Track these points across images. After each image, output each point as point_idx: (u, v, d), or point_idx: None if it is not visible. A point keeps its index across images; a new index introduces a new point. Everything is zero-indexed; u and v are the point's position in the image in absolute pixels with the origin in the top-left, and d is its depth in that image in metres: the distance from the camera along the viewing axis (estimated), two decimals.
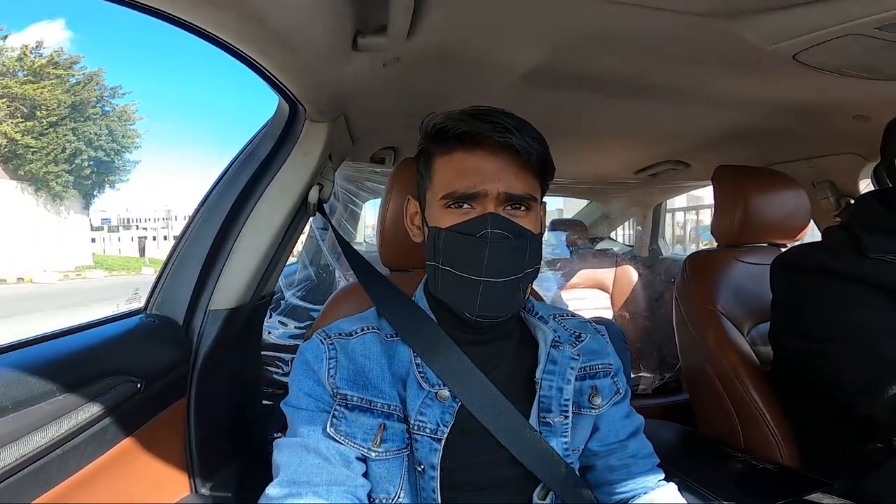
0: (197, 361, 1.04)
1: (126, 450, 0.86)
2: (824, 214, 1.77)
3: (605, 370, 0.87)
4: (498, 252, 0.73)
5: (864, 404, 0.99)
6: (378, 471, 0.75)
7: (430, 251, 0.79)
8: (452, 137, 0.75)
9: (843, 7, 0.80)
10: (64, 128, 19.06)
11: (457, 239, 0.74)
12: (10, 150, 18.49)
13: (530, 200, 0.76)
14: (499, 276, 0.73)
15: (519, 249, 0.75)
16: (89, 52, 40.78)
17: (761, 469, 1.09)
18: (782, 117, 1.48)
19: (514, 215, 0.75)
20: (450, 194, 0.75)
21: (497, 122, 0.72)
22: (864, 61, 1.01)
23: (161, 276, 1.11)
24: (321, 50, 0.87)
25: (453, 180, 0.75)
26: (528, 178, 0.75)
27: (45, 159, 19.13)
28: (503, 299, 0.75)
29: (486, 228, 0.72)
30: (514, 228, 0.74)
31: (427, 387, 0.76)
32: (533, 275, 0.78)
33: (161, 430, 0.96)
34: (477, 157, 0.74)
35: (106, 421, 0.81)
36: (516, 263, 0.75)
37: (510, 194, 0.74)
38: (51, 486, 0.72)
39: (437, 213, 0.77)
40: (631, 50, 1.05)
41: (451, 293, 0.77)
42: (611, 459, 0.87)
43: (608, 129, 1.73)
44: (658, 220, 3.04)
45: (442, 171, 0.77)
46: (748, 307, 1.39)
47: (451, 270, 0.75)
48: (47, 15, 34.33)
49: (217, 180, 1.17)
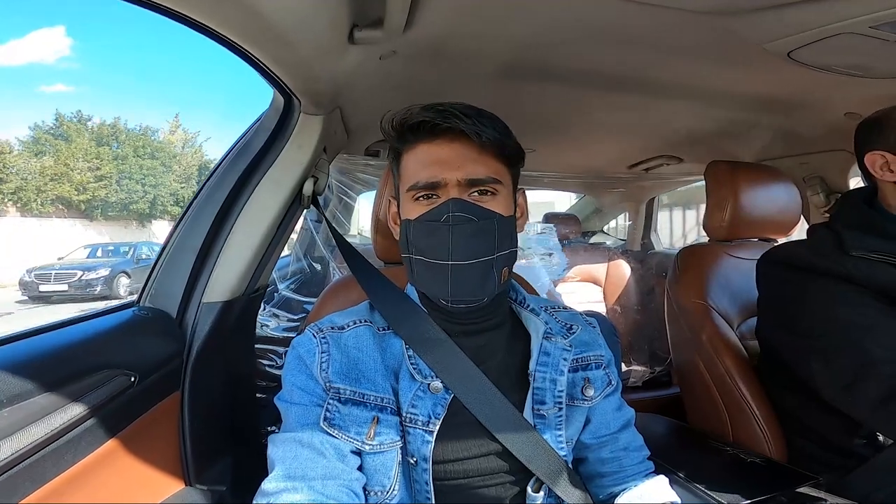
0: (191, 354, 1.04)
1: (121, 444, 0.86)
2: (815, 211, 1.79)
3: (598, 361, 0.88)
4: (462, 234, 0.74)
5: (846, 400, 1.01)
6: (372, 464, 0.75)
7: (402, 244, 0.80)
8: (408, 130, 0.78)
9: (839, 6, 0.81)
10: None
11: (424, 227, 0.76)
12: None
13: (495, 184, 0.76)
14: (466, 258, 0.74)
15: (485, 231, 0.75)
16: (91, 58, 40.57)
17: (749, 463, 1.10)
18: (774, 113, 1.49)
19: (479, 200, 0.76)
20: (414, 185, 0.76)
21: (446, 111, 0.74)
22: (858, 60, 1.02)
23: (154, 269, 1.11)
24: (317, 43, 0.87)
25: (416, 172, 0.77)
26: (489, 163, 0.76)
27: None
28: (474, 283, 0.76)
29: (448, 212, 0.73)
30: (477, 211, 0.74)
31: (420, 378, 0.76)
32: (508, 257, 0.79)
33: (155, 423, 0.96)
34: (436, 148, 0.76)
35: (100, 415, 0.81)
36: (484, 245, 0.75)
37: (472, 179, 0.75)
38: (46, 481, 0.72)
39: (407, 207, 0.79)
40: (626, 45, 1.05)
41: (426, 282, 0.78)
42: (602, 452, 0.87)
43: (602, 123, 1.73)
44: (651, 214, 3.05)
45: (407, 165, 0.79)
46: (738, 302, 1.39)
47: (422, 259, 0.76)
48: (47, 22, 34.04)
49: (211, 173, 1.16)
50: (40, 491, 0.71)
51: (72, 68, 33.18)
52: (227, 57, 0.83)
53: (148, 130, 21.15)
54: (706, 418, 1.37)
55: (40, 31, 33.64)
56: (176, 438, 1.02)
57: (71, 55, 33.90)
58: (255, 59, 0.86)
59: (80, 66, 33.42)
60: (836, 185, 1.76)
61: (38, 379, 0.73)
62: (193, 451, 1.03)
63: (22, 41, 33.54)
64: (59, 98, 31.38)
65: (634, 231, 3.08)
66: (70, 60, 33.37)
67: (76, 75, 33.10)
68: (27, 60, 32.08)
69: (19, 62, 30.39)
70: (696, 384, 1.39)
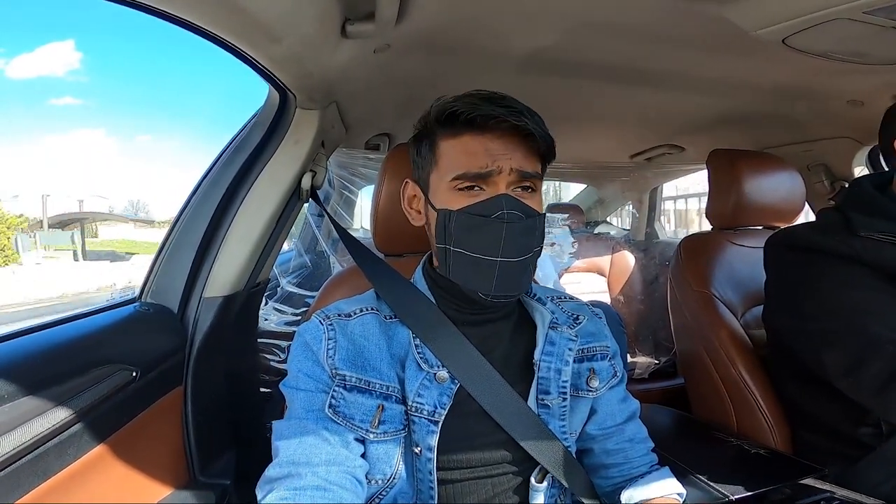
0: (192, 349, 1.05)
1: (124, 438, 0.87)
2: (819, 198, 1.77)
3: (603, 352, 0.88)
4: (514, 232, 0.74)
5: (851, 383, 1.00)
6: (375, 452, 0.76)
7: (440, 234, 0.78)
8: (463, 121, 0.75)
9: None
10: None
11: (471, 220, 0.74)
12: None
13: (537, 180, 0.77)
14: (515, 255, 0.74)
15: (532, 229, 0.76)
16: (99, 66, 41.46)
17: (754, 454, 1.10)
18: (776, 101, 1.48)
19: (523, 196, 0.76)
20: (462, 175, 0.75)
21: (511, 107, 0.74)
22: (853, 46, 1.01)
23: (154, 265, 1.11)
24: (309, 38, 0.87)
25: (464, 162, 0.75)
26: (535, 159, 0.77)
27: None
28: (518, 279, 0.77)
29: (502, 209, 0.73)
30: (525, 209, 0.75)
31: (426, 367, 0.76)
32: (539, 254, 0.80)
33: (158, 418, 0.97)
34: (486, 139, 0.75)
35: (103, 409, 0.81)
36: (529, 243, 0.76)
37: (522, 172, 0.75)
38: (50, 476, 0.72)
39: (445, 196, 0.77)
40: (620, 36, 1.05)
41: (465, 274, 0.77)
42: (608, 443, 0.87)
43: (602, 114, 1.73)
44: (654, 203, 3.04)
45: (450, 153, 0.77)
46: (742, 290, 1.39)
47: (464, 252, 0.75)
48: (58, 36, 34.61)
49: (208, 169, 1.16)
50: (44, 485, 0.71)
51: (80, 81, 33.56)
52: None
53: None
54: (711, 409, 1.37)
55: (50, 45, 34.13)
56: (179, 433, 1.03)
57: (80, 68, 34.29)
58: (248, 57, 0.86)
59: (88, 80, 33.82)
60: (841, 172, 1.74)
61: (41, 374, 0.74)
62: (197, 445, 1.04)
63: (32, 55, 34.01)
64: (67, 110, 31.86)
65: (638, 221, 3.07)
66: (79, 74, 33.71)
67: (85, 88, 33.51)
68: (37, 74, 32.39)
69: (29, 75, 30.63)
70: (700, 375, 1.39)
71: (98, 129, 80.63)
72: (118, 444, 0.85)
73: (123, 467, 0.87)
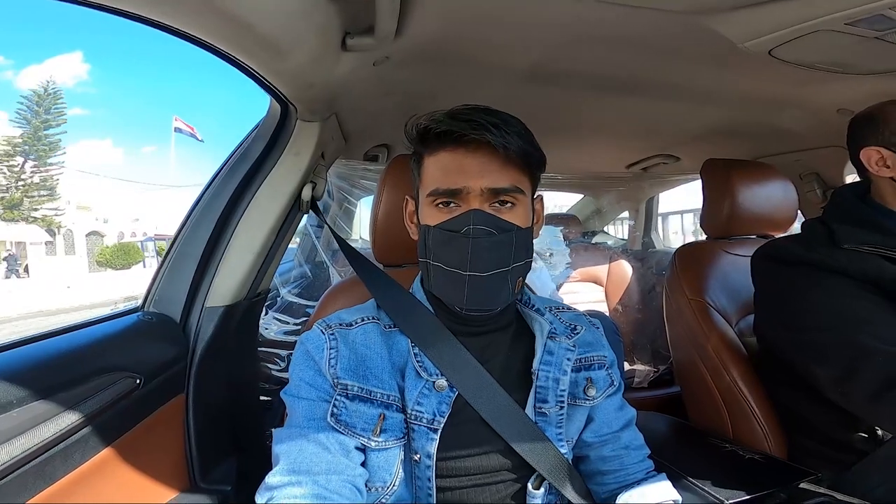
0: (194, 358, 1.06)
1: (127, 443, 0.88)
2: (811, 207, 1.79)
3: (600, 362, 0.89)
4: (481, 247, 0.74)
5: (842, 394, 1.00)
6: (376, 460, 0.76)
7: (421, 248, 0.81)
8: (433, 138, 0.77)
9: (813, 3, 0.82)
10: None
11: (443, 236, 0.76)
12: None
13: (516, 193, 0.77)
14: (483, 270, 0.75)
15: (503, 244, 0.75)
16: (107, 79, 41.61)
17: (748, 459, 1.10)
18: (767, 111, 1.50)
19: (499, 211, 0.76)
20: (434, 191, 0.77)
21: (474, 120, 0.74)
22: (838, 57, 1.03)
23: (157, 275, 1.13)
24: (310, 51, 0.89)
25: (438, 178, 0.77)
26: (512, 172, 0.76)
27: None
28: (490, 293, 0.77)
29: (469, 224, 0.74)
30: (497, 223, 0.75)
31: (425, 376, 0.77)
32: (523, 268, 0.79)
33: (160, 425, 0.98)
34: (460, 156, 0.76)
35: (107, 416, 0.83)
36: (501, 258, 0.76)
37: (494, 189, 0.75)
38: (55, 480, 0.74)
39: (426, 211, 0.79)
40: (617, 48, 1.07)
41: (442, 288, 0.79)
42: (604, 450, 0.88)
43: (597, 125, 1.74)
44: (651, 213, 3.05)
45: (429, 170, 0.79)
46: (736, 299, 1.39)
47: (440, 266, 0.77)
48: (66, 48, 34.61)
49: (210, 180, 1.18)
50: (50, 489, 0.73)
51: (88, 93, 33.72)
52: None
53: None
54: (706, 416, 1.37)
55: (58, 58, 34.30)
56: (180, 439, 1.04)
57: (88, 80, 34.44)
58: (250, 70, 0.88)
59: (97, 91, 33.98)
60: (832, 180, 1.76)
61: (48, 381, 0.75)
62: (198, 452, 1.05)
63: (41, 66, 34.19)
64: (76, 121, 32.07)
65: (635, 230, 3.09)
66: (87, 85, 33.85)
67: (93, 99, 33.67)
68: (46, 84, 32.46)
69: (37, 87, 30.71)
70: (696, 382, 1.39)
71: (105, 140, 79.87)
72: (122, 449, 0.87)
73: (126, 472, 0.88)
